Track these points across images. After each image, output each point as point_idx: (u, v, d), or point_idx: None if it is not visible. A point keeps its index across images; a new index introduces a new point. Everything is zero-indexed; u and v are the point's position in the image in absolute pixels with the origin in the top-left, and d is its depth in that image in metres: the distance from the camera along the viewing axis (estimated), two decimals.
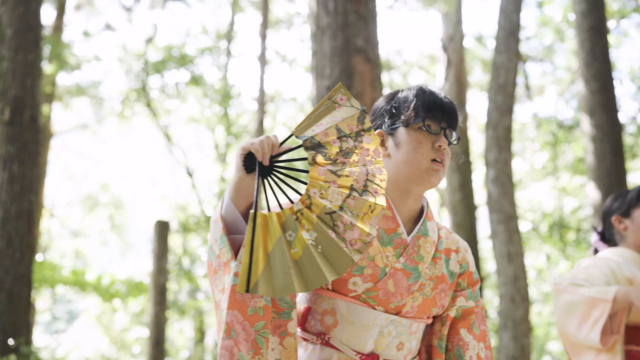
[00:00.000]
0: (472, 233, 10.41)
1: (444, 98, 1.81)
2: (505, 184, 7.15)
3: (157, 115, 13.97)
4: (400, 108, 1.80)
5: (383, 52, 13.46)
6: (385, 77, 13.89)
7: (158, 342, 8.31)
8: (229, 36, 14.73)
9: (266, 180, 1.55)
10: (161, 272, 8.51)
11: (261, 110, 11.42)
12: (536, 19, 14.66)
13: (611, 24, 11.81)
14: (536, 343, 13.52)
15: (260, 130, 11.04)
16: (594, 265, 2.72)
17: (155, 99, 14.15)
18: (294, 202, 1.51)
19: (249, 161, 1.56)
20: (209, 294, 12.68)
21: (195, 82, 13.59)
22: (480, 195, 12.67)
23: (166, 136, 14.09)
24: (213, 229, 1.64)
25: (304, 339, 1.77)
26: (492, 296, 13.56)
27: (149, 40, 13.98)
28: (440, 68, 11.92)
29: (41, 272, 10.90)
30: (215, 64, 14.72)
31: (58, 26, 12.66)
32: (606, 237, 2.90)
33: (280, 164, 1.56)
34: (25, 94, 6.36)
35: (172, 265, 12.82)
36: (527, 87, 13.61)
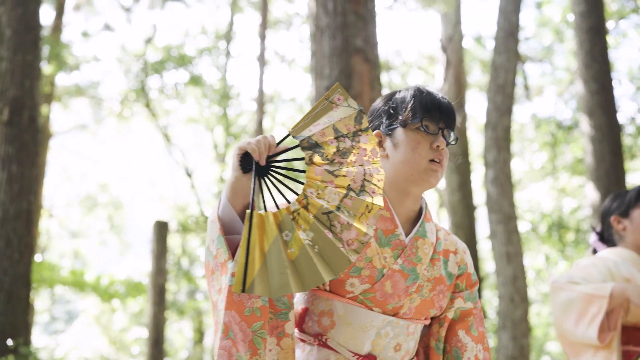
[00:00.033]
0: (471, 233, 10.41)
1: (442, 98, 1.81)
2: (504, 184, 7.15)
3: (156, 115, 13.96)
4: (398, 109, 1.80)
5: (382, 53, 13.46)
6: (384, 78, 13.90)
7: (157, 343, 8.31)
8: (228, 36, 14.73)
9: (263, 180, 1.54)
10: (160, 272, 8.51)
11: (260, 111, 11.42)
12: (535, 19, 14.67)
13: (610, 24, 11.81)
14: (535, 343, 13.53)
15: (259, 131, 11.04)
16: (591, 264, 2.72)
17: (154, 100, 14.14)
18: (290, 202, 1.51)
19: (246, 161, 1.55)
20: (207, 294, 12.65)
21: (195, 82, 13.59)
22: (479, 196, 12.68)
23: (165, 136, 14.09)
24: (210, 229, 1.63)
25: (301, 339, 1.77)
26: (491, 296, 13.56)
27: (148, 41, 13.97)
28: (439, 68, 11.92)
29: (40, 273, 10.89)
30: (214, 65, 14.72)
31: (57, 26, 12.65)
32: (605, 237, 2.90)
33: (277, 163, 1.55)
34: (24, 94, 6.36)
35: (171, 265, 12.82)
36: (526, 88, 13.62)
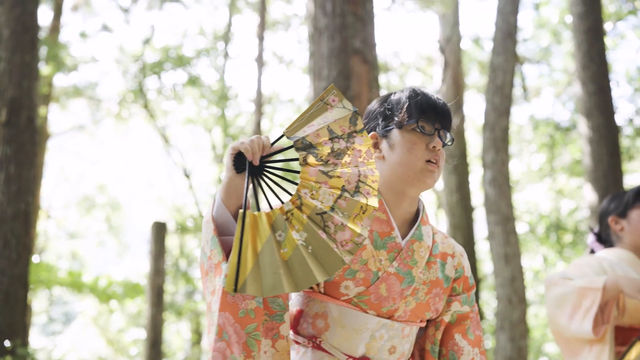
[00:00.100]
0: (469, 234, 10.42)
1: (437, 99, 1.81)
2: (502, 185, 7.16)
3: (154, 116, 13.96)
4: (393, 110, 1.80)
5: (380, 54, 13.47)
6: (382, 79, 13.91)
7: (155, 344, 8.30)
8: (226, 37, 14.73)
9: (257, 180, 1.53)
10: (158, 273, 8.51)
11: (258, 112, 11.42)
12: (533, 20, 14.69)
13: (608, 26, 11.83)
14: (533, 345, 13.53)
15: (257, 132, 11.03)
16: (586, 264, 2.73)
17: (152, 100, 14.13)
18: (284, 202, 1.50)
19: (239, 161, 1.55)
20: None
21: (193, 83, 13.58)
22: (477, 197, 12.68)
23: (163, 137, 14.08)
24: (205, 230, 1.63)
25: (295, 341, 1.76)
26: (489, 297, 13.56)
27: (146, 42, 13.95)
28: (437, 69, 11.93)
29: (38, 274, 10.88)
30: (212, 65, 14.72)
31: (55, 27, 12.63)
32: (602, 237, 2.91)
33: (271, 164, 1.55)
34: (22, 95, 6.35)
35: (169, 266, 12.81)
36: (524, 89, 13.64)
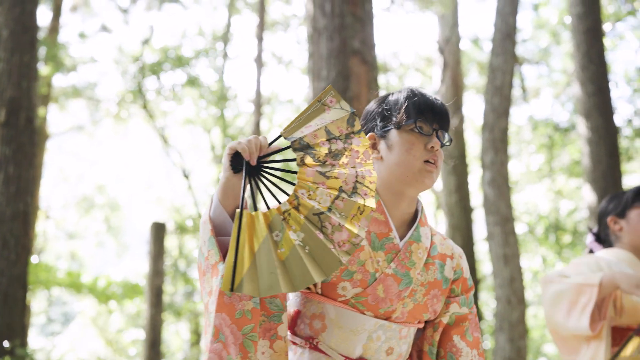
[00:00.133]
0: (468, 235, 10.42)
1: (435, 100, 1.81)
2: (501, 186, 7.16)
3: (153, 117, 13.95)
4: (391, 110, 1.80)
5: (379, 54, 13.47)
6: (381, 79, 13.91)
7: (154, 344, 8.30)
8: (225, 38, 14.73)
9: (254, 180, 1.53)
10: (157, 273, 8.51)
11: (257, 112, 11.42)
12: (532, 21, 14.68)
13: (607, 26, 11.84)
14: (532, 345, 13.54)
15: (256, 132, 11.03)
16: (584, 263, 2.74)
17: (151, 101, 14.13)
18: (281, 202, 1.50)
19: (237, 161, 1.54)
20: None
21: (192, 83, 13.58)
22: (476, 198, 12.68)
23: (162, 138, 14.08)
24: (202, 230, 1.62)
25: (293, 342, 1.76)
26: (488, 298, 13.56)
27: (145, 42, 13.95)
28: (436, 70, 11.93)
29: (36, 274, 10.87)
30: (211, 66, 14.72)
31: (54, 27, 12.63)
32: (601, 237, 2.91)
33: (269, 164, 1.54)
34: (21, 95, 6.34)
35: (168, 267, 12.81)
36: (523, 90, 13.64)
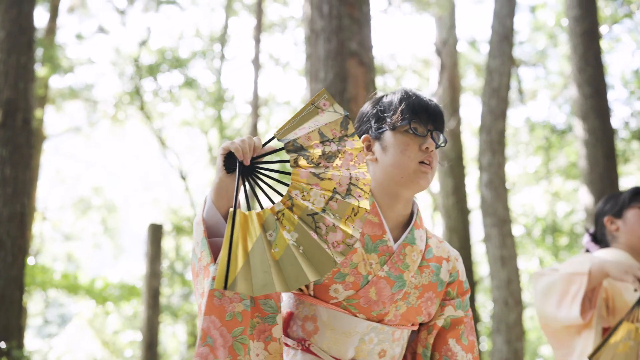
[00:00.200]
0: (465, 237, 10.43)
1: (429, 101, 1.81)
2: (498, 187, 7.16)
3: (151, 118, 13.94)
4: (385, 112, 1.80)
5: (377, 56, 13.49)
6: (379, 81, 13.92)
7: (151, 346, 8.29)
8: (222, 39, 14.73)
9: (247, 180, 1.52)
10: (154, 275, 8.49)
11: (255, 114, 11.43)
12: (529, 23, 14.74)
13: (604, 29, 11.86)
14: (529, 347, 13.55)
15: (253, 134, 11.04)
16: (578, 261, 2.75)
17: (148, 102, 14.11)
18: (275, 202, 1.49)
19: (230, 162, 1.54)
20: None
21: (189, 85, 13.58)
22: (473, 199, 12.70)
23: (159, 139, 14.06)
24: (195, 231, 1.62)
25: (285, 344, 1.75)
26: (485, 300, 13.57)
27: (142, 43, 13.95)
28: (433, 72, 11.95)
29: (33, 276, 10.85)
30: (208, 67, 14.71)
31: (51, 29, 12.62)
32: (598, 238, 2.92)
33: (263, 165, 1.54)
34: (18, 96, 6.33)
35: (164, 268, 12.79)
36: (520, 92, 13.66)
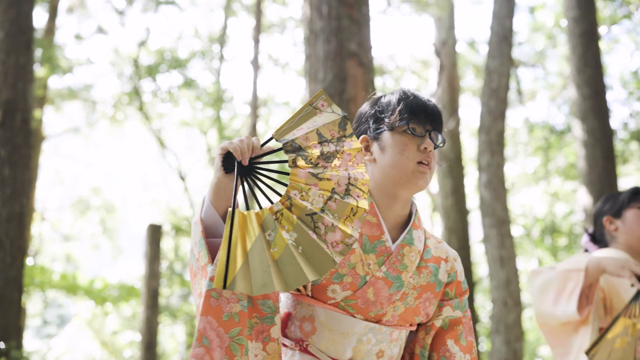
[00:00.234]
0: (464, 237, 10.43)
1: (428, 101, 1.80)
2: (497, 188, 7.17)
3: (150, 118, 13.94)
4: (384, 112, 1.80)
5: (376, 57, 13.48)
6: (378, 82, 13.92)
7: (150, 346, 8.28)
8: (221, 40, 14.73)
9: (246, 180, 1.52)
10: (154, 275, 8.49)
11: (254, 114, 11.43)
12: (528, 24, 14.75)
13: (602, 29, 11.87)
14: (528, 347, 13.56)
15: (252, 134, 11.03)
16: (575, 259, 2.76)
17: (147, 103, 14.11)
18: (273, 202, 1.49)
19: (228, 162, 1.54)
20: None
21: (188, 85, 13.58)
22: (472, 200, 12.70)
23: (158, 140, 14.06)
24: (193, 231, 1.62)
25: (283, 344, 1.75)
26: (484, 300, 13.57)
27: (141, 44, 13.95)
28: (432, 73, 11.96)
29: (32, 276, 10.84)
30: (208, 68, 14.72)
31: (50, 29, 12.62)
32: (597, 238, 2.92)
33: (261, 165, 1.54)
34: (17, 96, 6.33)
35: (163, 269, 12.78)
36: (519, 92, 13.66)
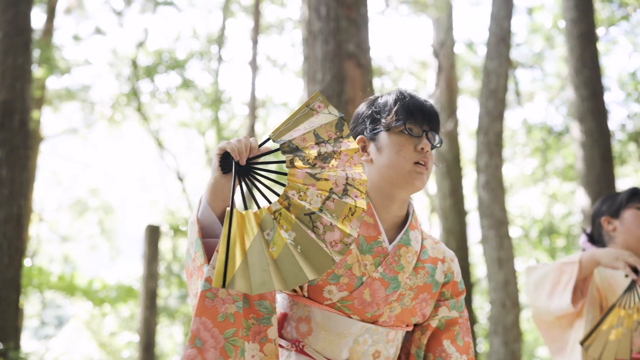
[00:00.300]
0: (462, 238, 10.43)
1: (425, 101, 1.80)
2: (495, 189, 7.17)
3: (148, 119, 13.93)
4: (381, 112, 1.79)
5: (374, 58, 13.48)
6: (376, 83, 13.93)
7: (148, 347, 8.27)
8: (220, 41, 14.73)
9: (243, 180, 1.52)
10: (152, 276, 8.48)
11: (252, 115, 11.43)
12: (526, 25, 14.75)
13: (600, 31, 11.89)
14: (526, 348, 13.56)
15: (251, 135, 11.03)
16: (570, 256, 2.77)
17: (145, 104, 14.11)
18: (271, 202, 1.49)
19: (226, 162, 1.54)
20: None
21: (186, 86, 13.57)
22: (470, 201, 12.70)
23: (157, 140, 14.06)
24: (190, 231, 1.61)
25: (279, 345, 1.74)
26: (482, 302, 13.58)
27: (139, 45, 13.94)
28: (431, 74, 11.96)
29: (30, 277, 10.83)
30: (206, 69, 14.71)
31: (48, 30, 12.60)
32: (595, 238, 2.92)
33: (259, 165, 1.54)
34: (15, 97, 6.31)
35: (162, 270, 12.77)
36: (517, 94, 13.67)
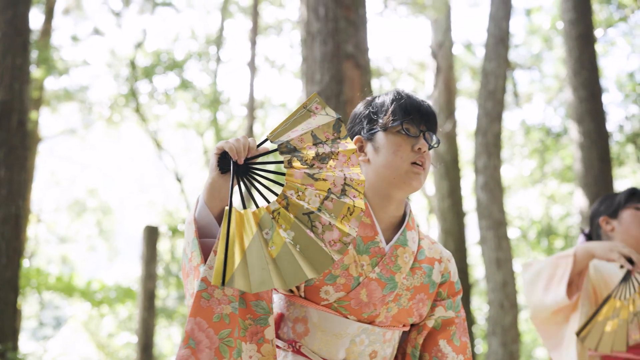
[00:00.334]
0: (461, 239, 10.43)
1: (422, 101, 1.80)
2: (494, 190, 7.18)
3: (146, 120, 13.92)
4: (378, 113, 1.79)
5: (373, 59, 13.50)
6: (375, 84, 13.94)
7: (146, 348, 8.26)
8: (218, 41, 14.73)
9: (242, 180, 1.52)
10: (150, 277, 8.47)
11: (251, 116, 11.42)
12: (525, 27, 14.76)
13: (598, 32, 11.90)
14: (524, 349, 13.57)
15: (249, 136, 11.02)
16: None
17: (144, 104, 14.10)
18: (270, 202, 1.50)
19: (224, 162, 1.54)
20: None
21: (185, 87, 13.57)
22: (469, 202, 12.71)
23: (155, 141, 14.05)
24: (187, 231, 1.61)
25: (276, 345, 1.74)
26: (480, 302, 13.58)
27: (137, 45, 13.94)
28: (429, 75, 11.96)
29: (28, 278, 10.82)
30: (204, 70, 14.71)
31: (46, 30, 12.59)
32: (593, 238, 2.92)
33: (257, 165, 1.54)
34: (13, 98, 6.31)
35: (160, 271, 12.77)
36: (516, 95, 13.69)
